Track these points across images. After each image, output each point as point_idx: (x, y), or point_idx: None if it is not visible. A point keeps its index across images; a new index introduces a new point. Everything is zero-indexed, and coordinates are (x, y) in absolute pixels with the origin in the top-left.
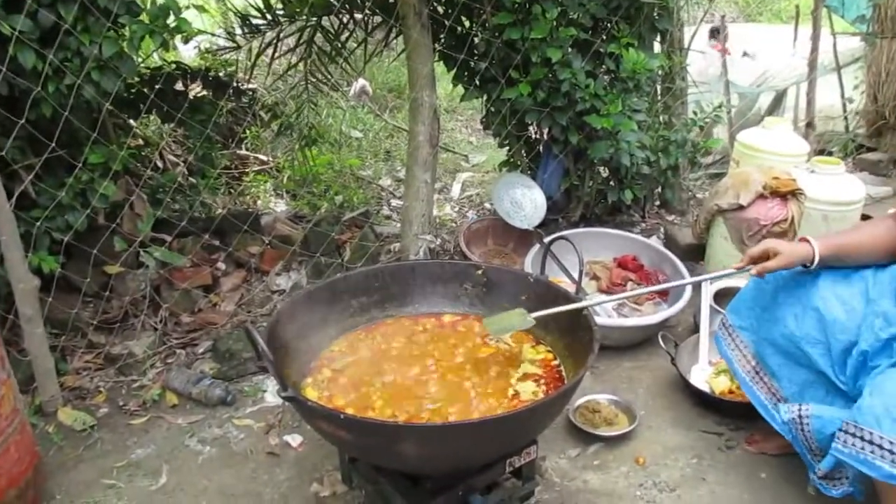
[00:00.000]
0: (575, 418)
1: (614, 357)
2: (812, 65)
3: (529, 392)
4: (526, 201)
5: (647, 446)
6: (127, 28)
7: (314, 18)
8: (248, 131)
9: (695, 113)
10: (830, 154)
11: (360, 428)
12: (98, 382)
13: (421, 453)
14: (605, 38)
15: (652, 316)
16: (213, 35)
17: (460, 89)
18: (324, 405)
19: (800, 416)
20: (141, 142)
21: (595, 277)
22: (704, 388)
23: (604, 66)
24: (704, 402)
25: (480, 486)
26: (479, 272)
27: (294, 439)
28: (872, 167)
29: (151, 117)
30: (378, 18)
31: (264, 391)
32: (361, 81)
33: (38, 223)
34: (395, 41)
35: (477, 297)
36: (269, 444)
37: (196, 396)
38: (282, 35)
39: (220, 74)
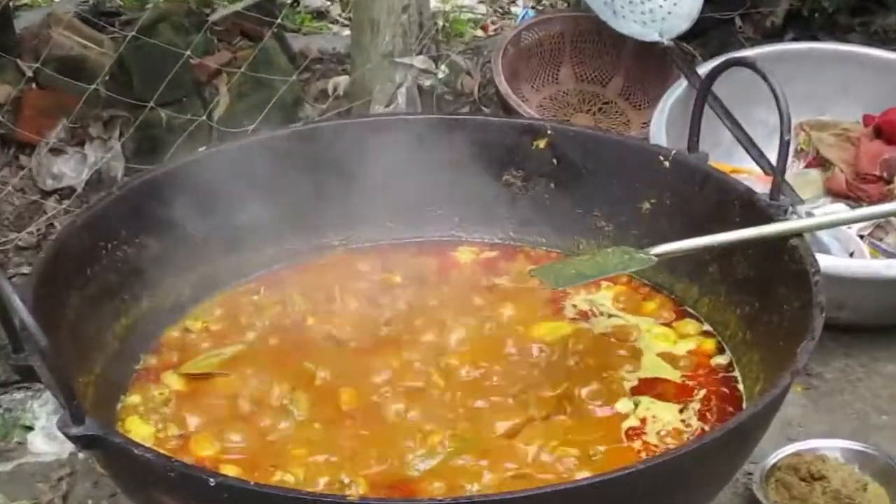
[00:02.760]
0: (767, 494)
1: (860, 349)
2: None
3: (664, 424)
4: None
5: None
6: None
7: None
8: None
9: None
10: None
11: None
12: None
13: None
14: None
15: None
16: None
17: None
18: (170, 457)
19: None
20: None
21: (820, 161)
22: None
23: None
24: None
25: None
26: (541, 143)
27: None
28: None
29: None
30: None
31: (29, 427)
32: None
33: None
34: None
35: (534, 205)
36: None
37: None
38: None
39: None
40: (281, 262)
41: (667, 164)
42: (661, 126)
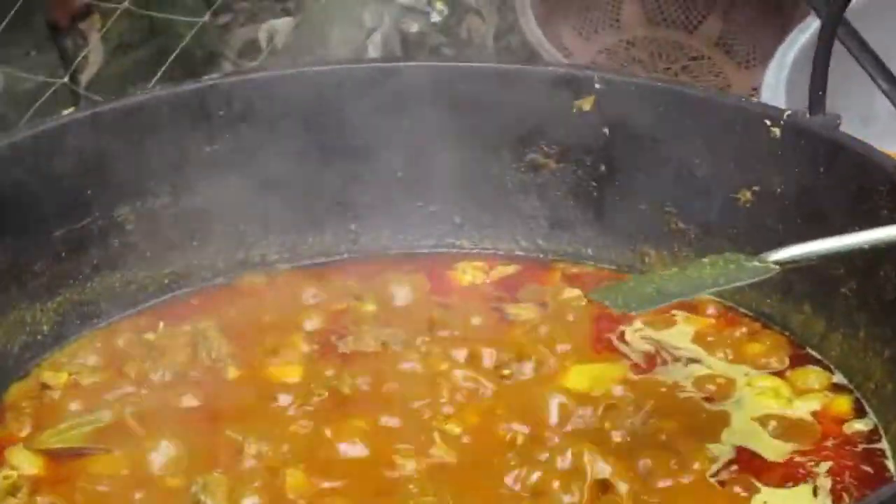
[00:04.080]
0: None
1: None
2: None
3: None
4: None
5: None
6: None
7: None
8: None
9: None
10: None
11: None
12: None
13: None
14: None
15: None
16: None
17: None
18: None
19: None
20: None
21: None
22: None
23: None
24: None
25: None
26: (586, 104)
27: None
28: None
29: None
30: None
31: None
32: None
33: None
34: None
35: (575, 198)
36: None
37: None
38: None
39: None
40: (191, 285)
41: (776, 131)
42: (780, 88)
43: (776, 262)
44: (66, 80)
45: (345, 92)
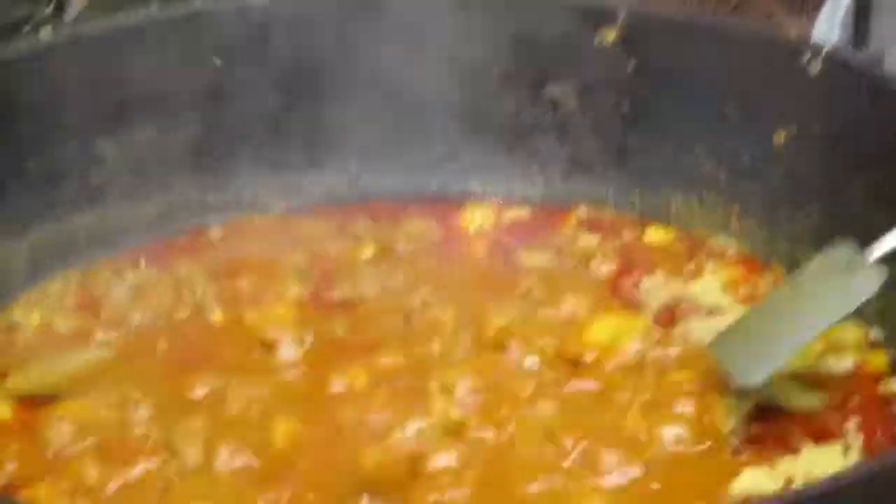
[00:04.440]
0: None
1: None
2: None
3: None
4: None
5: None
6: None
7: None
8: None
9: None
10: None
11: None
12: None
13: None
14: None
15: None
16: None
17: None
18: None
19: None
20: None
21: None
22: None
23: None
24: None
25: None
26: (610, 35)
27: None
28: None
29: None
30: None
31: None
32: None
33: None
34: None
35: (596, 137)
36: None
37: None
38: None
39: None
40: (176, 224)
41: (815, 67)
42: (833, 33)
43: (879, 260)
44: (49, 10)
45: (344, 16)
